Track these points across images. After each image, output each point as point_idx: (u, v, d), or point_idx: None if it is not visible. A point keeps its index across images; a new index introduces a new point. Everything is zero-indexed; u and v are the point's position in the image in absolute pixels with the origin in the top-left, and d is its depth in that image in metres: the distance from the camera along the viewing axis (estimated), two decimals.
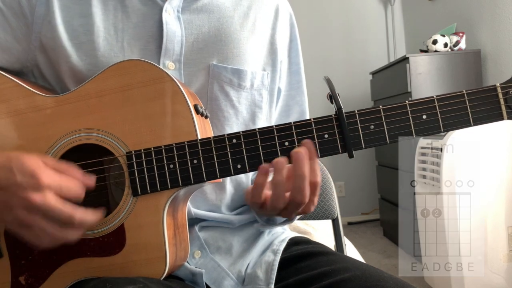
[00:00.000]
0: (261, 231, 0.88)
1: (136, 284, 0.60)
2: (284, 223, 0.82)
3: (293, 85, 0.93)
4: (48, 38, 0.77)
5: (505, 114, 0.63)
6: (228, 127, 0.81)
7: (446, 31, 2.93)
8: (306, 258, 0.79)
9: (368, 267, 0.73)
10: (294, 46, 0.93)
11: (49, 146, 0.70)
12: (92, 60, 0.75)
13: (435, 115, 0.64)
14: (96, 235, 0.68)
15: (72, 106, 0.70)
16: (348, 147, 0.64)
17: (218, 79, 0.80)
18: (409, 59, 2.68)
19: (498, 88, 0.63)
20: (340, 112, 0.64)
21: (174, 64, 0.78)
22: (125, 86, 0.69)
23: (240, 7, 0.86)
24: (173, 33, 0.78)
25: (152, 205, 0.67)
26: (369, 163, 3.65)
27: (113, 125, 0.69)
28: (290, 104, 0.93)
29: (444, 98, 0.64)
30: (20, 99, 0.72)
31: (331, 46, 3.87)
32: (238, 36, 0.83)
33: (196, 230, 0.80)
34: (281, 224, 0.82)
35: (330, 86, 0.65)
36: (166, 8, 0.78)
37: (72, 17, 0.77)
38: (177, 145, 0.67)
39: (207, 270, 0.78)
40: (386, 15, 3.90)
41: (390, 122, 0.64)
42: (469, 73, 2.71)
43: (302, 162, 0.65)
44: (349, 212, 3.80)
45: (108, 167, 0.73)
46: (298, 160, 0.65)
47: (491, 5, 2.64)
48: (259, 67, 0.85)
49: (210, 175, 0.67)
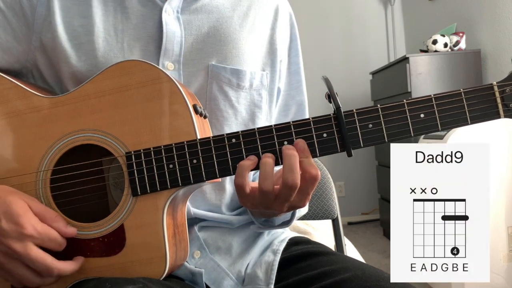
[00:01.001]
0: (261, 231, 0.88)
1: (136, 284, 0.61)
2: (282, 226, 0.80)
3: (293, 84, 0.93)
4: (48, 38, 0.77)
5: (502, 112, 0.63)
6: (227, 127, 0.81)
7: (446, 31, 2.93)
8: (306, 258, 0.80)
9: (368, 267, 0.73)
10: (294, 46, 0.93)
11: (48, 146, 0.70)
12: (91, 60, 0.76)
13: (433, 114, 0.64)
14: (96, 235, 0.68)
15: (71, 106, 0.71)
16: (347, 146, 0.64)
17: (217, 79, 0.80)
18: (409, 59, 2.68)
19: (495, 87, 0.63)
20: (339, 111, 0.64)
21: (174, 65, 0.78)
22: (124, 87, 0.69)
23: (240, 8, 0.86)
24: (172, 33, 0.78)
25: (151, 205, 0.67)
26: (369, 163, 3.65)
27: (112, 126, 0.69)
28: (290, 103, 0.93)
29: (441, 96, 0.64)
30: (19, 100, 0.72)
31: (331, 46, 3.87)
32: (237, 36, 0.83)
33: (196, 230, 0.80)
34: (279, 227, 0.81)
35: (328, 85, 0.66)
36: (165, 9, 0.78)
37: (72, 18, 0.77)
38: (177, 145, 0.67)
39: (206, 270, 0.78)
40: (386, 15, 3.91)
41: (388, 121, 0.64)
42: (469, 73, 2.71)
43: (293, 145, 0.65)
44: (349, 212, 3.80)
45: (108, 168, 0.73)
46: (288, 146, 0.65)
47: (491, 5, 2.64)
48: (258, 67, 0.85)
49: (209, 175, 0.67)
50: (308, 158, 0.65)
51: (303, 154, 0.65)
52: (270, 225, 0.81)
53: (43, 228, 0.63)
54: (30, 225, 0.62)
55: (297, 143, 0.65)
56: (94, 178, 0.73)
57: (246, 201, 0.69)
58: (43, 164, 0.70)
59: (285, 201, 0.66)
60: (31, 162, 0.71)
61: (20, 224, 0.61)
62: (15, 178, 0.70)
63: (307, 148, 0.65)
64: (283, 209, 0.68)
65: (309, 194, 0.66)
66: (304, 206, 0.69)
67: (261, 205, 0.67)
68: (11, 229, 0.61)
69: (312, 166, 0.64)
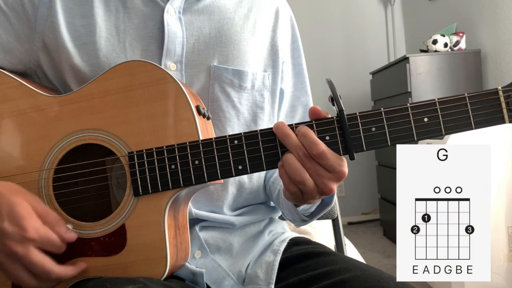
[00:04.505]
0: (261, 232, 0.88)
1: (136, 284, 0.61)
2: (320, 210, 0.78)
3: (297, 86, 0.93)
4: (50, 38, 0.77)
5: (507, 117, 0.62)
6: (230, 128, 0.81)
7: (446, 31, 2.93)
8: (307, 258, 0.80)
9: (368, 268, 0.73)
10: (296, 48, 0.93)
11: (51, 145, 0.70)
12: (94, 60, 0.76)
13: (437, 118, 0.63)
14: (97, 235, 0.68)
15: (75, 106, 0.71)
16: (350, 149, 0.64)
17: (219, 80, 0.80)
18: (409, 59, 2.68)
19: (500, 92, 0.62)
20: (342, 114, 0.64)
21: (176, 65, 0.78)
22: (128, 87, 0.69)
23: (241, 9, 0.86)
24: (174, 34, 0.78)
25: (153, 205, 0.67)
26: (369, 163, 3.65)
27: (115, 126, 0.69)
28: (295, 105, 0.93)
29: (445, 101, 0.63)
30: (24, 98, 0.72)
31: (331, 46, 3.87)
32: (238, 37, 0.83)
33: (197, 230, 0.80)
34: (318, 213, 0.78)
35: (331, 88, 0.65)
36: (167, 9, 0.79)
37: (74, 18, 0.77)
38: (179, 146, 0.67)
39: (207, 270, 0.78)
40: (386, 15, 3.90)
41: (392, 125, 0.64)
42: (469, 73, 2.71)
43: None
44: (349, 212, 3.80)
45: (111, 167, 0.73)
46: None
47: (491, 5, 2.64)
48: (260, 68, 0.86)
49: (211, 175, 0.67)
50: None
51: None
52: (311, 213, 0.80)
53: (45, 232, 0.63)
54: (32, 229, 0.62)
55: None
56: (96, 178, 0.73)
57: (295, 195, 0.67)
58: (46, 162, 0.70)
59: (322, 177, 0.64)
60: (34, 161, 0.71)
61: (23, 227, 0.61)
62: (18, 176, 0.71)
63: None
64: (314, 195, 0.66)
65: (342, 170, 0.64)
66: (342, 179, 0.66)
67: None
68: (13, 231, 0.61)
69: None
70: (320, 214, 0.79)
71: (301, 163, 0.63)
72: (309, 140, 0.63)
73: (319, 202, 0.77)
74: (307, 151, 0.63)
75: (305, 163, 0.63)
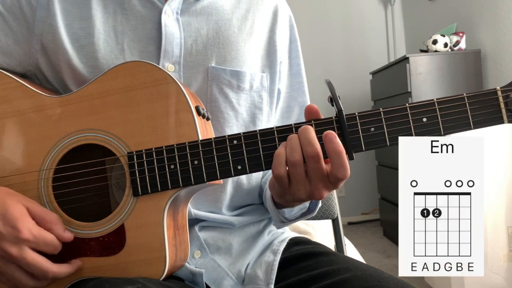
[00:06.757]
0: (261, 232, 0.88)
1: (135, 285, 0.61)
2: (304, 215, 0.78)
3: (294, 86, 0.93)
4: (49, 40, 0.77)
5: (506, 117, 0.62)
6: (228, 129, 0.81)
7: (446, 31, 2.93)
8: (306, 258, 0.80)
9: (368, 267, 0.73)
10: (294, 48, 0.93)
11: (51, 145, 0.70)
12: (92, 62, 0.76)
13: (436, 118, 0.63)
14: (96, 235, 0.68)
15: (75, 106, 0.71)
16: (349, 149, 0.64)
17: (217, 81, 0.80)
18: (409, 59, 2.68)
19: (499, 92, 0.62)
20: (341, 115, 0.64)
21: (174, 66, 0.78)
22: (128, 87, 0.69)
23: (239, 10, 0.86)
24: (172, 35, 0.78)
25: (152, 205, 0.67)
26: (369, 163, 3.65)
27: (115, 126, 0.69)
28: (292, 105, 0.93)
29: (444, 101, 0.63)
30: (24, 99, 0.72)
31: (331, 46, 3.87)
32: (236, 38, 0.83)
33: (196, 230, 0.80)
34: (301, 218, 0.78)
35: (330, 88, 0.65)
36: (165, 10, 0.79)
37: (72, 20, 0.78)
38: (178, 146, 0.67)
39: (207, 270, 0.78)
40: (386, 15, 3.90)
41: (391, 125, 0.64)
42: (469, 73, 2.71)
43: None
44: (349, 212, 3.80)
45: (110, 167, 0.73)
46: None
47: (491, 5, 2.64)
48: (258, 69, 0.86)
49: (210, 176, 0.67)
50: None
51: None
52: (293, 215, 0.80)
53: (39, 232, 0.64)
54: (26, 229, 0.62)
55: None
56: (96, 178, 0.73)
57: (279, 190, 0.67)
58: (45, 162, 0.70)
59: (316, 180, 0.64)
60: (34, 161, 0.71)
61: (17, 228, 0.61)
62: (17, 176, 0.71)
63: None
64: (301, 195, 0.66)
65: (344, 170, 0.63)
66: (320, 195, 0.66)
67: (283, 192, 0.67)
68: (7, 233, 0.61)
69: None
70: (300, 219, 0.80)
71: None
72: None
73: (304, 210, 0.79)
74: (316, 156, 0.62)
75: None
